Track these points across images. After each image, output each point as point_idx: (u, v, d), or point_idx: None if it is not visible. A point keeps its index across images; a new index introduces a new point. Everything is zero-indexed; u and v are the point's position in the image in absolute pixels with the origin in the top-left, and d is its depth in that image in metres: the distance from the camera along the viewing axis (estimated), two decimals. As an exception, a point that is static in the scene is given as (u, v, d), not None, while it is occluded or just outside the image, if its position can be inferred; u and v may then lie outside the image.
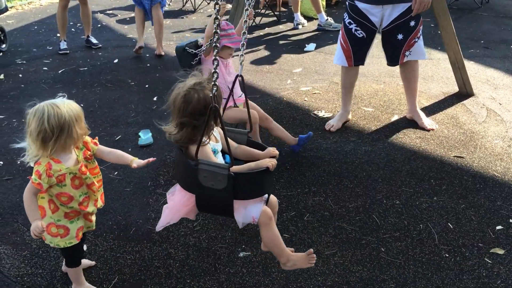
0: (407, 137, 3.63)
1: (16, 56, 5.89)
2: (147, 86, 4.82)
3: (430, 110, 4.06)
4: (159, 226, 1.99)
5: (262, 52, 5.80)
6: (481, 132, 3.66)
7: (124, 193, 3.05)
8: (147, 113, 4.19)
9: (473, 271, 2.34)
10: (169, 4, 8.72)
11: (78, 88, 4.82)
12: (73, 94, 4.66)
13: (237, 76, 2.11)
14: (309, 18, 7.16)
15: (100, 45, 6.29)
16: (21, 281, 2.34)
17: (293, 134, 3.62)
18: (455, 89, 4.44)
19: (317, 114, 4.06)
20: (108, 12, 8.26)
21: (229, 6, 4.11)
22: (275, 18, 7.33)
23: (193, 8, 8.19)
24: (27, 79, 5.11)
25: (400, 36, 3.47)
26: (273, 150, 1.98)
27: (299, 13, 6.92)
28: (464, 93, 4.35)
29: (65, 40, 6.07)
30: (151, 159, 2.20)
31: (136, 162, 2.14)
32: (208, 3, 8.54)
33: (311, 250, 2.05)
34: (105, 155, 2.18)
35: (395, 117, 3.96)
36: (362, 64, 3.67)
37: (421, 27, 3.51)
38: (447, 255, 2.44)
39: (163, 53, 5.79)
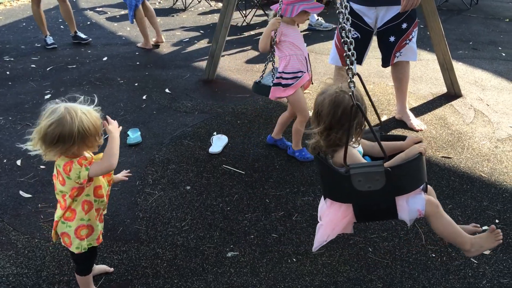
0: (396, 138, 3.64)
1: (4, 53, 5.83)
2: (136, 84, 4.79)
3: (419, 111, 4.09)
4: (315, 247, 1.86)
5: (253, 52, 5.79)
6: (468, 133, 3.69)
7: (112, 192, 3.01)
8: (136, 111, 4.17)
9: (459, 271, 2.36)
10: (159, 2, 8.68)
11: (66, 85, 4.78)
12: (61, 92, 4.62)
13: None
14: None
15: (90, 39, 6.25)
16: (6, 281, 2.32)
17: (283, 134, 3.62)
18: (444, 90, 4.47)
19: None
20: (97, 9, 8.20)
21: None
22: (266, 18, 7.33)
23: (184, 7, 8.16)
24: (15, 76, 5.06)
25: (392, 38, 3.48)
26: (416, 137, 1.87)
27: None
28: (452, 94, 4.39)
29: (49, 36, 6.02)
30: (127, 175, 2.24)
31: (114, 177, 2.12)
32: (199, 1, 8.51)
33: (493, 226, 1.85)
34: None
35: (384, 118, 3.97)
36: (360, 63, 3.68)
37: (415, 30, 3.52)
38: (434, 255, 2.46)
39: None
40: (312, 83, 3.36)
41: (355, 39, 3.45)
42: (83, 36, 6.25)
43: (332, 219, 1.80)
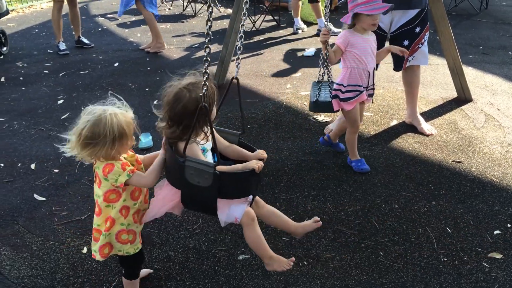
0: (406, 142, 3.65)
1: (17, 59, 5.92)
2: (147, 89, 4.84)
3: (429, 115, 4.09)
4: (146, 218, 2.01)
5: (262, 57, 5.83)
6: (479, 137, 3.69)
7: (124, 195, 3.06)
8: (147, 116, 4.21)
9: (471, 275, 2.35)
10: (169, 9, 8.76)
11: (78, 91, 4.84)
12: (73, 97, 4.68)
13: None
14: (308, 23, 7.20)
15: (92, 44, 6.36)
16: (22, 283, 2.35)
17: (293, 138, 3.64)
18: (454, 94, 4.47)
19: (317, 118, 4.08)
20: (108, 16, 8.30)
21: None
22: (275, 23, 7.37)
23: (193, 13, 8.23)
24: (28, 82, 5.13)
25: (406, 42, 3.50)
26: (261, 153, 2.03)
27: (299, 18, 6.97)
28: (462, 98, 4.38)
29: (63, 41, 6.12)
30: None
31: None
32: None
33: (293, 258, 2.11)
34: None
35: (394, 122, 3.98)
36: (376, 69, 3.68)
37: (426, 33, 3.54)
38: (445, 259, 2.46)
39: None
40: (373, 102, 3.25)
41: None
42: (86, 41, 6.38)
43: (162, 197, 1.96)
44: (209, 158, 1.99)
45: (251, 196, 1.98)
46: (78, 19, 6.21)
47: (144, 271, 2.34)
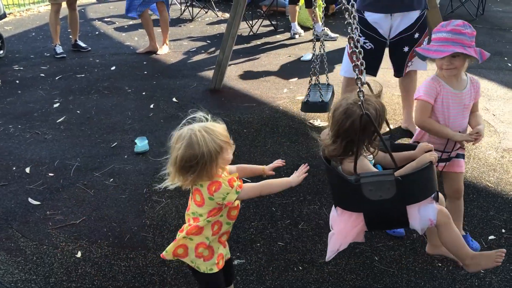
0: (402, 147, 3.65)
1: (13, 63, 5.91)
2: (144, 93, 4.84)
3: (425, 121, 4.09)
4: (329, 256, 1.88)
5: (259, 61, 5.84)
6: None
7: (119, 200, 3.05)
8: (143, 120, 4.21)
9: (465, 280, 2.35)
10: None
11: (75, 94, 4.84)
12: (69, 101, 4.67)
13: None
14: (306, 28, 7.22)
15: (89, 48, 6.38)
16: (15, 287, 2.34)
17: (289, 142, 3.64)
18: (450, 99, 4.48)
19: (313, 123, 4.09)
20: (106, 19, 8.31)
21: None
22: (272, 28, 7.39)
23: (191, 17, 8.24)
24: (24, 85, 5.13)
25: (406, 48, 3.51)
26: (426, 145, 1.88)
27: (296, 23, 6.98)
28: (458, 104, 4.39)
29: (59, 45, 6.12)
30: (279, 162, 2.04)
31: (267, 168, 1.99)
32: (206, 12, 8.59)
33: (503, 250, 1.88)
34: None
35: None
36: (374, 75, 3.69)
37: (426, 38, 3.55)
38: (440, 265, 2.46)
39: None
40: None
41: (369, 50, 3.51)
42: (82, 44, 6.39)
43: (343, 228, 1.80)
44: None
45: (434, 194, 1.78)
46: (76, 22, 6.22)
47: None
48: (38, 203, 3.03)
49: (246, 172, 1.98)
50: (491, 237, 2.65)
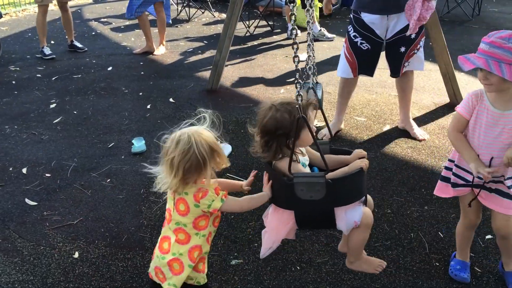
0: (399, 147, 3.66)
1: (9, 63, 5.89)
2: (140, 93, 4.83)
3: (422, 121, 4.11)
4: (263, 254, 1.92)
5: (256, 62, 5.84)
6: (471, 143, 3.71)
7: (117, 200, 3.05)
8: (140, 120, 4.20)
9: (463, 279, 2.36)
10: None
11: (71, 95, 4.83)
12: (66, 101, 4.66)
13: None
14: (302, 29, 7.22)
15: (86, 49, 6.36)
16: (12, 288, 2.33)
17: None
18: (446, 99, 4.50)
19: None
20: (102, 20, 8.29)
21: None
22: (269, 28, 7.40)
23: (188, 17, 8.24)
24: (20, 86, 5.11)
25: (402, 49, 3.51)
26: (360, 152, 1.93)
27: (293, 24, 6.99)
28: (455, 103, 4.40)
29: (47, 46, 6.11)
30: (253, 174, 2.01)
31: (245, 184, 1.97)
32: (203, 12, 8.59)
33: (385, 263, 2.03)
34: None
35: (387, 127, 4.00)
36: (371, 75, 3.70)
37: (422, 39, 3.56)
38: (438, 264, 2.47)
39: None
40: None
41: (365, 50, 3.52)
42: (79, 45, 6.37)
43: (275, 225, 1.88)
44: None
45: (363, 198, 1.87)
46: (70, 23, 6.20)
47: None
48: (35, 203, 3.02)
49: (225, 186, 1.95)
50: (488, 236, 2.66)
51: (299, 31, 7.06)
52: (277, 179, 1.80)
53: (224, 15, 7.87)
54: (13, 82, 5.23)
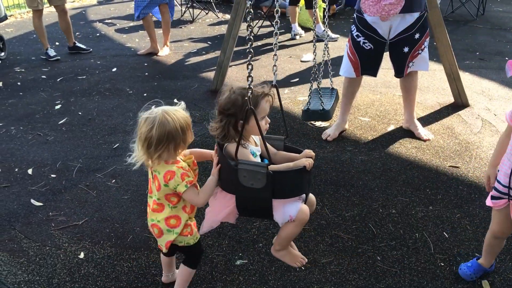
0: (403, 147, 3.66)
1: (15, 65, 5.92)
2: (145, 94, 4.84)
3: (426, 121, 4.10)
4: (202, 230, 2.05)
5: (260, 62, 5.85)
6: (476, 143, 3.70)
7: (122, 200, 3.06)
8: (145, 121, 4.21)
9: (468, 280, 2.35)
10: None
11: (76, 96, 4.85)
12: (71, 102, 4.68)
13: None
14: (306, 29, 7.23)
15: (91, 50, 6.38)
16: (18, 288, 2.35)
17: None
18: (451, 99, 4.49)
19: (314, 123, 4.09)
20: (106, 21, 8.32)
21: None
22: (273, 29, 7.39)
23: (192, 18, 8.25)
24: (26, 87, 5.14)
25: (406, 49, 3.50)
26: (309, 152, 2.01)
27: (296, 24, 7.00)
28: (459, 103, 4.40)
29: (50, 48, 6.13)
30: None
31: (214, 154, 2.04)
32: (206, 13, 8.61)
33: (306, 259, 2.14)
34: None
35: (391, 127, 3.99)
36: (374, 75, 3.69)
37: (426, 39, 3.54)
38: (442, 264, 2.46)
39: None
40: None
41: (368, 50, 3.52)
42: (83, 46, 6.39)
43: (217, 206, 1.99)
44: None
45: (303, 195, 1.97)
46: (69, 26, 6.19)
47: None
48: (41, 204, 3.04)
49: (198, 156, 2.11)
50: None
51: (302, 32, 7.06)
52: (224, 162, 1.89)
53: (227, 16, 7.88)
54: (19, 83, 5.26)
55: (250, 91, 1.78)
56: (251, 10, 1.94)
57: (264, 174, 1.79)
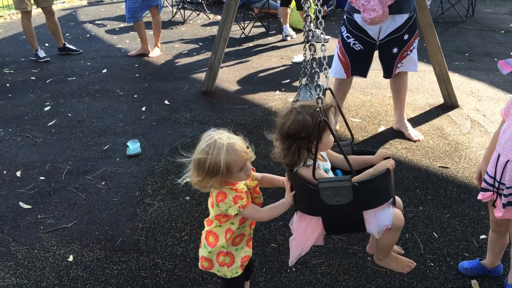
0: (394, 148, 3.67)
1: (4, 66, 5.87)
2: (135, 96, 4.82)
3: (416, 121, 4.12)
4: (292, 261, 1.89)
5: (251, 63, 5.85)
6: (465, 143, 3.72)
7: (112, 203, 3.04)
8: (135, 123, 4.19)
9: (457, 280, 2.36)
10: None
11: (66, 97, 4.81)
12: (60, 104, 4.65)
13: None
14: (297, 30, 7.24)
15: (81, 51, 6.35)
16: (6, 292, 2.32)
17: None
18: (440, 100, 4.52)
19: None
20: (97, 22, 8.27)
21: None
22: (264, 30, 7.40)
23: (183, 19, 8.23)
24: (15, 89, 5.09)
25: (395, 50, 3.52)
26: (385, 152, 1.88)
27: (288, 25, 7.01)
28: (449, 104, 4.43)
29: (40, 49, 6.09)
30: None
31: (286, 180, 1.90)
32: (198, 14, 8.59)
33: (414, 263, 2.02)
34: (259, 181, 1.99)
35: (381, 128, 4.01)
36: (364, 76, 3.70)
37: (415, 41, 3.57)
38: (432, 264, 2.47)
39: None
40: None
41: (358, 51, 3.53)
42: (72, 47, 6.35)
43: (303, 233, 1.83)
44: None
45: (392, 199, 1.81)
46: (57, 27, 6.14)
47: None
48: (29, 207, 3.01)
49: (269, 182, 1.99)
50: (483, 236, 2.67)
51: (293, 33, 7.07)
52: (301, 185, 1.75)
53: (219, 17, 7.86)
54: (8, 85, 5.21)
55: (321, 101, 1.65)
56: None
57: (350, 188, 1.65)
